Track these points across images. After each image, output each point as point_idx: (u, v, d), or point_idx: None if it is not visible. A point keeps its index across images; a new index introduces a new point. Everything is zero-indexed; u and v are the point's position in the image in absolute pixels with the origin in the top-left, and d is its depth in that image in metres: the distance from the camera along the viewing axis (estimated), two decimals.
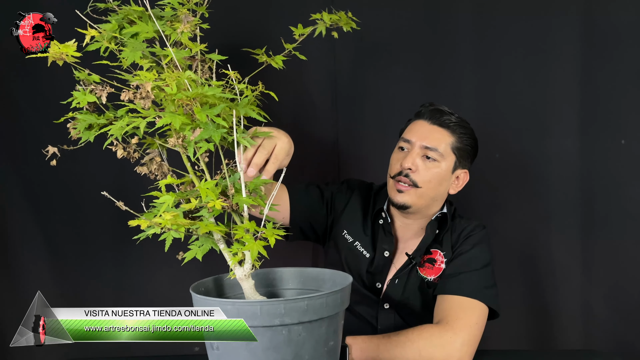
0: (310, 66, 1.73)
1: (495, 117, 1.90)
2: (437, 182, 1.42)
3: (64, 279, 1.87)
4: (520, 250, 1.94)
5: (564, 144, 1.89)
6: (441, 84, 1.89)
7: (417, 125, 1.45)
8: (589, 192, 1.90)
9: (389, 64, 1.89)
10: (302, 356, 0.86)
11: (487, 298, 1.34)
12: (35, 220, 1.85)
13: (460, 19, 1.86)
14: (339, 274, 1.02)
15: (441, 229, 1.47)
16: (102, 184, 1.82)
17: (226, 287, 1.01)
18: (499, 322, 1.67)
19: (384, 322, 1.44)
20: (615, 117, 1.86)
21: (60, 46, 0.84)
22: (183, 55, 0.96)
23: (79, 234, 1.86)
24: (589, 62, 1.84)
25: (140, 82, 0.88)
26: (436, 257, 1.44)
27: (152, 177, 0.97)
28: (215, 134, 0.89)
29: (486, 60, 1.87)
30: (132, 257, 1.86)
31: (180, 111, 0.89)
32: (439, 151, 1.41)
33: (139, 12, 0.96)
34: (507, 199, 1.93)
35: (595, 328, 1.92)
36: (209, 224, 0.89)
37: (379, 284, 1.47)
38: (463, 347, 1.25)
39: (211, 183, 0.90)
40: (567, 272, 1.92)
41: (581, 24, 1.83)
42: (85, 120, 0.94)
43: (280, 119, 1.15)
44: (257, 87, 0.98)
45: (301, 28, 1.10)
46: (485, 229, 1.48)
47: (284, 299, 0.84)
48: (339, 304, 0.91)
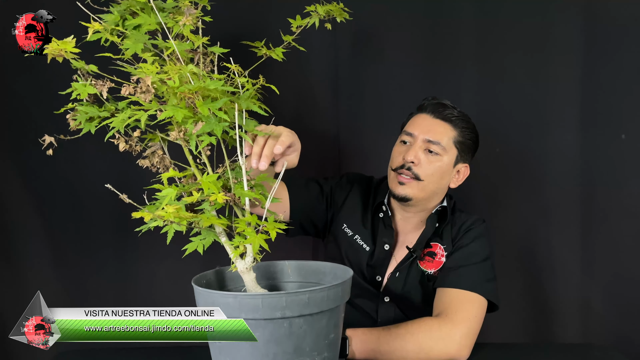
0: (311, 59, 1.73)
1: (496, 112, 1.90)
2: (439, 175, 1.43)
3: (65, 272, 1.88)
4: (520, 245, 1.94)
5: (565, 138, 1.89)
6: (442, 78, 1.89)
7: (420, 119, 1.46)
8: (589, 187, 1.90)
9: (390, 57, 1.89)
10: (303, 349, 0.87)
11: (486, 291, 1.35)
12: (36, 213, 1.85)
13: (462, 14, 1.86)
14: (340, 267, 1.02)
15: (441, 222, 1.47)
16: (104, 177, 1.82)
17: (228, 280, 1.01)
18: (498, 316, 1.68)
19: (384, 315, 1.45)
20: (615, 113, 1.86)
21: (59, 43, 0.84)
22: (185, 47, 0.95)
23: (81, 227, 1.86)
24: (590, 58, 1.84)
25: (141, 75, 0.88)
26: (436, 250, 1.45)
27: (154, 170, 0.97)
28: (217, 128, 0.89)
29: (487, 54, 1.87)
30: (133, 249, 1.86)
31: (182, 104, 0.89)
32: (442, 145, 1.42)
33: (141, 3, 0.96)
34: (508, 194, 1.93)
35: (594, 322, 1.93)
36: (211, 217, 0.89)
37: (379, 277, 1.48)
38: (462, 339, 1.26)
39: (213, 177, 0.90)
40: (566, 267, 1.92)
41: (583, 19, 1.82)
42: (86, 112, 0.94)
43: (280, 112, 1.15)
44: (258, 80, 0.98)
45: (299, 20, 1.10)
46: (485, 223, 1.48)
47: (285, 292, 0.85)
48: (339, 297, 0.91)
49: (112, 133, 0.91)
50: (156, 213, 0.83)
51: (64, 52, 0.88)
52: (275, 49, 1.06)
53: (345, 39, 1.86)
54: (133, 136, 0.95)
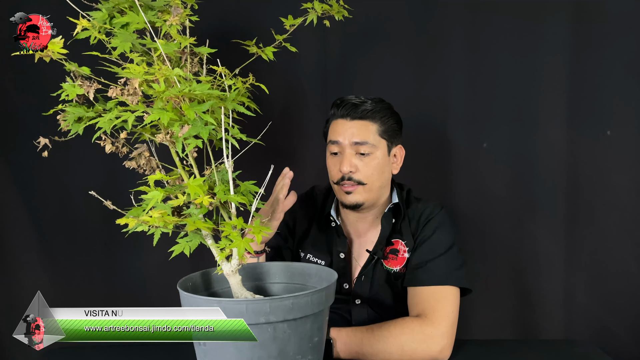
0: (300, 56, 1.71)
1: (483, 107, 1.90)
2: (379, 172, 1.42)
3: (55, 270, 1.89)
4: (505, 239, 1.96)
5: (551, 134, 1.90)
6: (431, 74, 1.89)
7: (339, 126, 1.43)
8: (574, 182, 1.91)
9: (379, 54, 1.88)
10: (287, 352, 0.88)
11: (458, 280, 1.36)
12: (26, 212, 1.86)
13: (451, 11, 1.85)
14: (325, 269, 1.03)
15: (397, 218, 1.47)
16: (93, 176, 1.83)
17: (214, 282, 1.02)
18: (483, 310, 1.70)
19: (357, 316, 1.45)
20: (601, 109, 1.87)
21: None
22: (173, 48, 0.95)
23: (70, 225, 1.87)
24: (577, 54, 1.84)
25: (129, 76, 0.87)
26: (398, 247, 1.45)
27: (141, 171, 0.97)
28: (203, 131, 0.89)
29: (476, 51, 1.87)
30: (123, 245, 1.86)
31: (168, 107, 0.88)
32: (370, 143, 1.40)
33: (129, 1, 0.95)
34: (494, 188, 1.94)
35: (577, 316, 1.96)
36: (197, 221, 0.89)
37: (346, 285, 1.48)
38: (443, 339, 1.28)
39: (199, 180, 0.90)
40: (551, 261, 1.94)
41: (570, 16, 1.83)
42: (74, 112, 0.94)
43: (270, 109, 1.15)
44: (248, 79, 0.97)
45: (291, 19, 1.09)
46: (444, 209, 1.48)
47: (269, 298, 0.86)
48: (323, 301, 0.92)
49: (99, 134, 0.91)
50: (141, 218, 0.83)
51: (52, 52, 0.87)
52: (266, 48, 1.05)
53: (335, 37, 1.85)
54: (120, 137, 0.94)
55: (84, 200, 1.81)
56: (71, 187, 1.85)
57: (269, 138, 1.05)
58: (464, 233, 1.85)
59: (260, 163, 1.11)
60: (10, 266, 1.87)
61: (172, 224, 0.88)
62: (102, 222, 1.84)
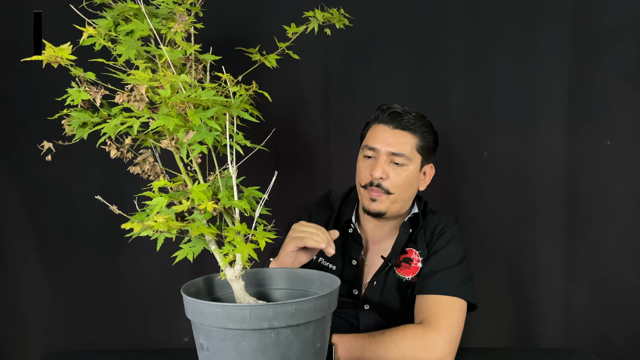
0: (302, 63, 1.73)
1: (484, 115, 1.92)
2: (408, 185, 1.44)
3: (55, 273, 1.89)
4: (504, 247, 1.97)
5: (551, 143, 1.91)
6: (431, 81, 1.91)
7: (379, 131, 1.44)
8: (573, 192, 1.93)
9: (381, 61, 1.90)
10: (290, 358, 0.88)
11: (465, 293, 1.37)
12: (28, 217, 1.86)
13: (451, 17, 1.87)
14: (327, 275, 1.03)
15: (414, 228, 1.48)
16: (96, 181, 1.84)
17: (217, 287, 1.02)
18: (482, 318, 1.70)
19: (365, 322, 1.46)
20: (601, 119, 1.89)
21: (55, 49, 0.84)
22: (178, 55, 0.96)
23: (71, 229, 1.88)
24: (578, 63, 1.87)
25: (134, 82, 0.88)
26: (412, 256, 1.46)
27: (145, 177, 0.98)
28: (208, 137, 0.90)
29: (476, 58, 1.89)
30: (124, 250, 1.87)
31: (173, 112, 0.89)
32: (406, 155, 1.42)
33: (134, 9, 0.96)
34: (493, 196, 1.96)
35: (576, 324, 1.97)
36: (201, 227, 0.89)
37: (355, 291, 1.49)
38: (445, 347, 1.28)
39: (203, 186, 0.90)
40: (549, 270, 1.96)
41: (571, 24, 1.85)
42: (79, 117, 0.94)
43: (271, 115, 1.16)
44: (251, 86, 0.98)
45: (294, 27, 1.10)
46: (458, 223, 1.50)
47: (273, 303, 0.86)
48: (326, 307, 0.92)
49: (104, 139, 0.92)
50: (146, 223, 0.84)
51: (60, 58, 0.88)
52: (269, 56, 1.06)
53: (336, 43, 1.86)
54: (125, 143, 0.95)
55: (86, 204, 1.83)
56: (72, 191, 1.85)
57: (271, 144, 1.05)
58: (464, 241, 1.86)
59: (264, 169, 1.11)
60: (11, 270, 1.87)
61: (176, 229, 0.88)
62: (104, 227, 1.85)
